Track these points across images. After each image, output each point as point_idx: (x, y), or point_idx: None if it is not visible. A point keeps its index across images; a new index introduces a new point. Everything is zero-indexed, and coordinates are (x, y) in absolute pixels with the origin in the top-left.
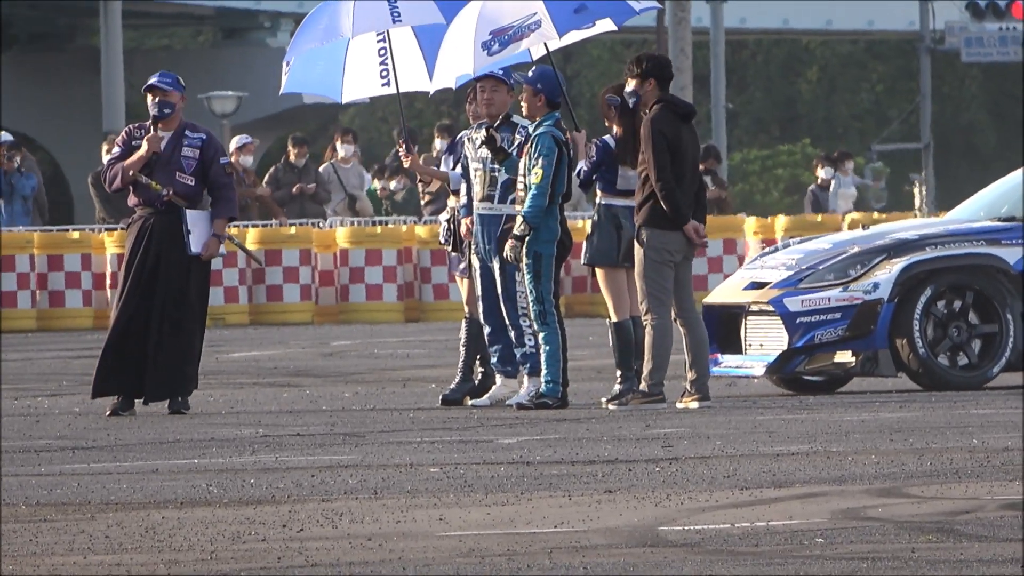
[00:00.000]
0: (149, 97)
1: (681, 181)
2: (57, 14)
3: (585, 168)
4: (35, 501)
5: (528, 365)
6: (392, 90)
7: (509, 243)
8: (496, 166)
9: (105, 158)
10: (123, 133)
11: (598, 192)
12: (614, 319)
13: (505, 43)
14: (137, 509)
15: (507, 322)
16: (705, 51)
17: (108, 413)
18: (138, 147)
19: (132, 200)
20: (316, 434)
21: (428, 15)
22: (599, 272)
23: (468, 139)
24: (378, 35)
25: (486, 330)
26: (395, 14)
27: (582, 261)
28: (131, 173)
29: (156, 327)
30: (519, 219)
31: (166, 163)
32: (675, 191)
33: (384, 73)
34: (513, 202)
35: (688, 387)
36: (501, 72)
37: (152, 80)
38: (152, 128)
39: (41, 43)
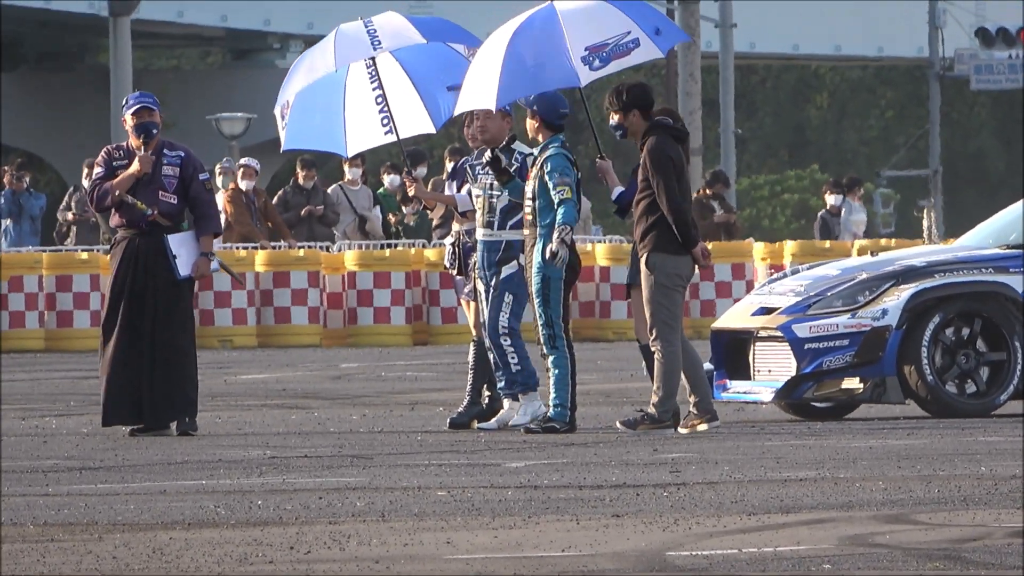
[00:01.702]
0: (133, 119)
1: (686, 203)
2: (65, 34)
3: (624, 190)
4: (43, 521)
5: (517, 385)
6: (395, 137)
7: (551, 247)
8: (494, 192)
9: (84, 182)
10: (102, 154)
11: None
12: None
13: (606, 59)
14: (144, 530)
15: (487, 344)
16: (714, 76)
17: (129, 432)
18: (120, 168)
19: (115, 221)
20: (324, 456)
21: (407, 37)
22: (636, 293)
23: (470, 166)
24: (372, 81)
25: (491, 355)
26: (375, 42)
27: (625, 280)
28: (118, 193)
29: (149, 351)
30: (557, 230)
31: (148, 182)
32: (688, 214)
33: (385, 121)
34: (513, 228)
35: (693, 411)
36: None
37: (139, 103)
38: (143, 148)
39: (50, 63)
